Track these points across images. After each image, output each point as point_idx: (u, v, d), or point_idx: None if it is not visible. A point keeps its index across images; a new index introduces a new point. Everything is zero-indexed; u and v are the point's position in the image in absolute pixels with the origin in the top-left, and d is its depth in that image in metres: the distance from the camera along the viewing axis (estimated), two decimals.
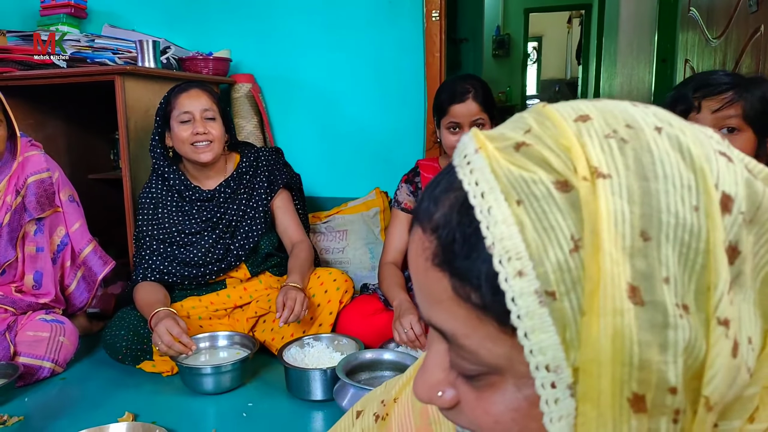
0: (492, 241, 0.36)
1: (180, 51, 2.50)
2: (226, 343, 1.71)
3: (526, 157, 0.37)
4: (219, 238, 1.84)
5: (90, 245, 1.90)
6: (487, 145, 0.39)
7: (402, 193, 1.95)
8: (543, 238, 0.35)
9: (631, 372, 0.35)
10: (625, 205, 0.35)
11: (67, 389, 1.62)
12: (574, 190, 0.36)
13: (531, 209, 0.36)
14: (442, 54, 2.43)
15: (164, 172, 1.85)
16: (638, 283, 0.34)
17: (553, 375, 0.36)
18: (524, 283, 0.35)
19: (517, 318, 0.36)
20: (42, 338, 1.65)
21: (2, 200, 1.72)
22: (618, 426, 0.36)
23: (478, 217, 0.37)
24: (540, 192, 0.36)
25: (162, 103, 1.85)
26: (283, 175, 1.96)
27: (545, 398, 0.37)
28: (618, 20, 5.17)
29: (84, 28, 2.63)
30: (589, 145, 0.36)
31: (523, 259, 0.35)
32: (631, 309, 0.34)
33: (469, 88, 1.74)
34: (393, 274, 1.83)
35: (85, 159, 2.55)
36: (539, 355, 0.36)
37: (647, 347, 0.34)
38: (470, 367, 0.40)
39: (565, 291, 0.35)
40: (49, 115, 2.39)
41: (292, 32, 2.58)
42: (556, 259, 0.35)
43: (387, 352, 1.53)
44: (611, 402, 0.35)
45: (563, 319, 0.36)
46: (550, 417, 0.37)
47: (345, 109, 2.58)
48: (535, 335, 0.36)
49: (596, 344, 0.35)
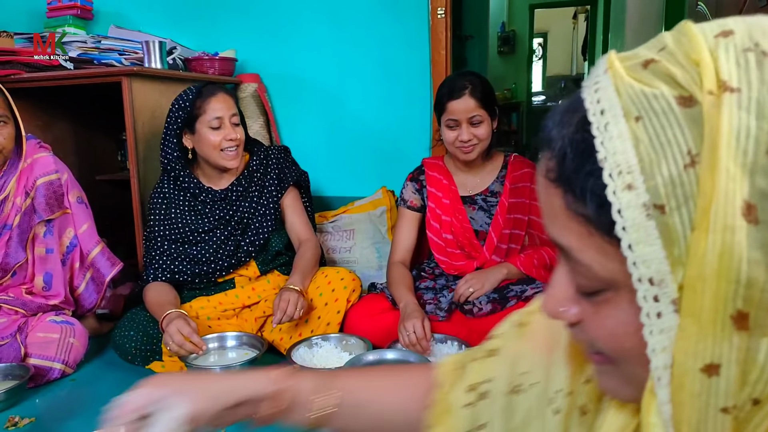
0: (604, 155, 0.38)
1: (186, 51, 2.51)
2: (234, 343, 1.72)
3: (653, 74, 0.38)
4: (230, 235, 1.84)
5: (98, 247, 1.91)
6: (616, 65, 0.40)
7: (408, 191, 1.95)
8: (658, 152, 0.36)
9: (737, 289, 0.35)
10: (752, 119, 0.34)
11: (77, 390, 1.63)
12: (697, 104, 0.36)
13: (650, 125, 0.37)
14: (447, 51, 2.42)
15: (177, 174, 1.85)
16: (756, 201, 0.34)
17: (656, 288, 0.37)
18: (632, 196, 0.37)
19: (622, 230, 0.37)
20: (52, 339, 1.66)
21: (12, 202, 1.73)
22: (718, 342, 0.36)
23: (594, 133, 0.38)
24: (660, 107, 0.36)
25: (185, 104, 1.81)
26: (293, 173, 1.97)
27: (646, 311, 0.38)
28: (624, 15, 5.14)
29: (90, 30, 2.63)
30: (722, 58, 0.36)
31: (634, 173, 0.37)
32: (744, 227, 0.34)
33: (466, 84, 1.73)
34: (401, 274, 1.83)
35: (93, 160, 2.56)
36: (642, 268, 0.37)
37: (756, 266, 0.34)
38: (587, 282, 0.42)
39: (676, 206, 0.36)
40: (56, 116, 2.40)
41: (298, 31, 2.58)
42: (669, 173, 0.36)
43: (391, 352, 1.53)
44: (713, 318, 0.36)
45: (672, 234, 0.36)
46: (651, 329, 0.38)
47: (351, 107, 2.58)
48: (639, 247, 0.37)
49: (702, 260, 0.35)
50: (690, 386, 0.37)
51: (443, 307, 1.77)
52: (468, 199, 1.88)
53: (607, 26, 6.35)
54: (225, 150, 1.78)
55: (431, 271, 1.95)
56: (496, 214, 1.83)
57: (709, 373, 0.37)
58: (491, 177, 1.88)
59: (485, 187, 1.88)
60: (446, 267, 1.88)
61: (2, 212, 1.71)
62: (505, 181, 1.85)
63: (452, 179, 1.90)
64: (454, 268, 1.87)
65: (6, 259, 1.71)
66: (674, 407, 0.39)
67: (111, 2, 2.70)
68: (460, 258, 1.86)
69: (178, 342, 1.50)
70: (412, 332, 1.56)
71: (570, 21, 9.07)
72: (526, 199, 1.82)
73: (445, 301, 1.78)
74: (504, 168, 1.88)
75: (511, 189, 1.83)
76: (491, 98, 1.77)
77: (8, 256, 1.71)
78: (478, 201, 1.87)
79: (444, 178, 1.90)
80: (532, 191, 1.82)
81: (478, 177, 1.89)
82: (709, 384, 0.37)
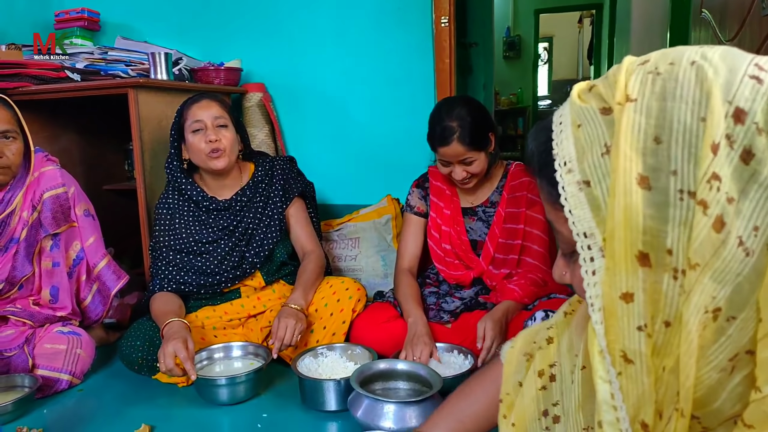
0: (557, 151, 0.56)
1: (192, 62, 2.53)
2: (240, 353, 1.72)
3: (591, 95, 0.56)
4: (235, 246, 1.85)
5: (104, 260, 1.90)
6: (574, 92, 0.57)
7: (414, 197, 1.95)
8: (587, 146, 0.53)
9: (637, 236, 0.49)
10: (643, 118, 0.50)
11: (84, 401, 1.64)
12: (612, 112, 0.53)
13: (585, 129, 0.54)
14: (451, 59, 2.43)
15: (180, 185, 1.86)
16: (647, 174, 0.49)
17: (589, 240, 0.53)
18: (570, 177, 0.54)
19: (564, 200, 0.54)
20: (59, 351, 1.67)
21: (19, 216, 1.74)
22: (630, 276, 0.50)
23: (553, 137, 0.57)
24: (590, 116, 0.54)
25: (176, 116, 1.87)
26: (298, 184, 1.98)
27: (583, 257, 0.54)
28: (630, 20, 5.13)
29: (97, 41, 2.66)
30: (632, 79, 0.52)
31: (573, 161, 0.54)
32: (639, 191, 0.49)
33: (454, 129, 1.66)
34: (408, 284, 1.83)
35: (100, 170, 2.58)
36: (579, 226, 0.53)
37: (651, 219, 0.49)
38: (565, 246, 0.61)
39: (597, 180, 0.52)
40: (63, 127, 2.42)
41: (303, 41, 2.59)
42: (593, 159, 0.53)
43: (400, 362, 1.52)
44: (624, 257, 0.50)
45: (596, 201, 0.52)
46: (586, 269, 0.54)
47: (355, 116, 2.59)
48: (576, 211, 0.53)
49: (614, 216, 0.50)
50: (614, 310, 0.52)
51: (449, 309, 1.77)
52: (469, 211, 1.88)
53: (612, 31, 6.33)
54: (208, 153, 1.79)
55: (435, 278, 1.95)
56: (493, 225, 1.83)
57: (626, 300, 0.51)
58: (492, 187, 1.88)
59: (486, 198, 1.87)
60: (445, 276, 1.88)
61: (9, 226, 1.72)
62: (503, 191, 1.84)
63: (455, 191, 1.90)
64: (453, 278, 1.86)
65: (13, 273, 1.72)
66: (606, 328, 0.52)
67: (118, 13, 2.73)
68: (458, 268, 1.86)
69: (169, 366, 1.49)
70: (418, 358, 1.56)
71: (575, 25, 9.06)
72: (522, 208, 1.80)
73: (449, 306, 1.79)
74: (504, 177, 1.87)
75: (509, 199, 1.82)
76: (483, 134, 1.70)
77: (15, 270, 1.72)
78: (479, 212, 1.87)
79: (447, 188, 1.90)
80: (529, 200, 1.80)
81: (479, 189, 1.88)
82: (627, 308, 0.51)
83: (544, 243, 1.79)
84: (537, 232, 1.80)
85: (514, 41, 7.81)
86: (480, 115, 1.71)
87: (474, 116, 1.69)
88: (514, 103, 7.69)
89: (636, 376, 0.52)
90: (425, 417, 1.30)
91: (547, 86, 9.38)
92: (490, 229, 1.83)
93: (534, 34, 7.80)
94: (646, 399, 0.52)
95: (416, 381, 1.49)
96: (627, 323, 0.51)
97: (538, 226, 1.80)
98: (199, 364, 1.65)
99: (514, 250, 1.80)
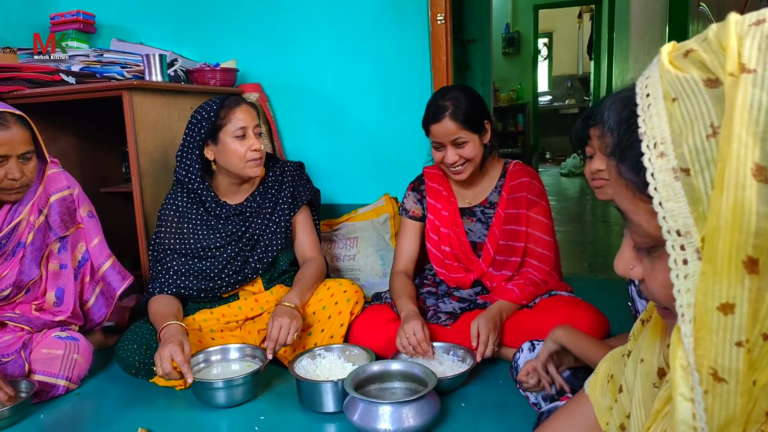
0: (644, 129, 0.47)
1: (187, 63, 2.52)
2: (237, 355, 1.72)
3: (690, 61, 0.46)
4: (240, 251, 1.83)
5: (109, 260, 1.91)
6: (663, 56, 0.48)
7: (409, 201, 1.94)
8: (687, 126, 0.44)
9: (748, 238, 0.41)
10: (764, 95, 0.41)
11: (82, 405, 1.64)
12: (721, 85, 0.43)
13: (682, 104, 0.45)
14: (448, 57, 2.41)
15: (193, 186, 1.83)
16: (766, 164, 0.40)
17: (682, 239, 0.45)
18: (663, 162, 0.45)
19: (654, 190, 0.46)
20: (56, 356, 1.66)
21: (26, 220, 1.73)
22: (732, 284, 0.42)
23: (638, 113, 0.48)
24: (691, 89, 0.44)
25: (209, 115, 1.78)
26: (307, 191, 1.96)
27: (674, 258, 0.46)
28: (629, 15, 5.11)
29: (93, 43, 2.65)
30: (747, 44, 0.42)
31: (666, 143, 0.45)
32: (754, 185, 0.40)
33: (447, 106, 1.66)
34: (403, 284, 1.82)
35: (97, 172, 2.57)
36: (670, 221, 0.45)
37: (765, 218, 0.41)
38: (641, 240, 0.52)
39: (699, 169, 0.44)
40: (60, 130, 2.41)
41: (298, 40, 2.58)
42: (694, 143, 0.44)
43: (395, 363, 1.52)
44: (728, 263, 0.42)
45: (696, 193, 0.44)
46: (677, 273, 0.46)
47: (352, 115, 2.58)
48: (668, 204, 0.45)
49: (719, 214, 0.42)
50: (708, 323, 0.44)
51: (447, 310, 1.76)
52: (467, 211, 1.87)
53: (612, 25, 6.31)
54: (249, 160, 1.78)
55: (432, 278, 1.94)
56: (492, 226, 1.81)
57: (724, 312, 0.43)
58: (490, 187, 1.85)
59: (484, 198, 1.85)
60: (445, 278, 1.87)
61: (17, 231, 1.71)
62: (502, 191, 1.82)
63: (452, 190, 1.89)
64: (453, 280, 1.85)
65: (20, 277, 1.71)
66: (696, 342, 0.45)
67: (113, 15, 2.72)
68: (458, 270, 1.85)
69: (166, 370, 1.48)
70: (412, 335, 1.55)
71: (575, 20, 9.03)
72: (523, 209, 1.78)
73: (447, 306, 1.78)
74: (503, 177, 1.85)
75: (508, 199, 1.80)
76: (477, 116, 1.69)
77: (22, 274, 1.71)
78: (477, 213, 1.85)
79: (444, 189, 1.89)
80: (529, 201, 1.78)
81: (477, 188, 1.87)
82: (725, 321, 0.43)
83: (548, 244, 1.77)
84: (539, 233, 1.77)
85: (513, 37, 7.78)
86: (475, 99, 1.72)
87: (469, 98, 1.70)
88: (513, 100, 7.66)
89: (727, 396, 0.45)
90: (421, 416, 1.29)
91: (548, 82, 9.35)
92: (489, 231, 1.82)
93: (533, 29, 7.77)
94: (734, 420, 0.45)
95: (411, 380, 1.48)
96: (723, 338, 0.44)
97: (541, 228, 1.77)
98: (197, 366, 1.64)
99: (517, 252, 1.78)
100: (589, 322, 1.61)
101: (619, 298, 2.36)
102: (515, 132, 7.59)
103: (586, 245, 3.48)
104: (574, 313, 1.64)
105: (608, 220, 4.15)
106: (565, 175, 6.81)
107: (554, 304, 1.70)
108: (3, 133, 1.60)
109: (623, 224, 0.54)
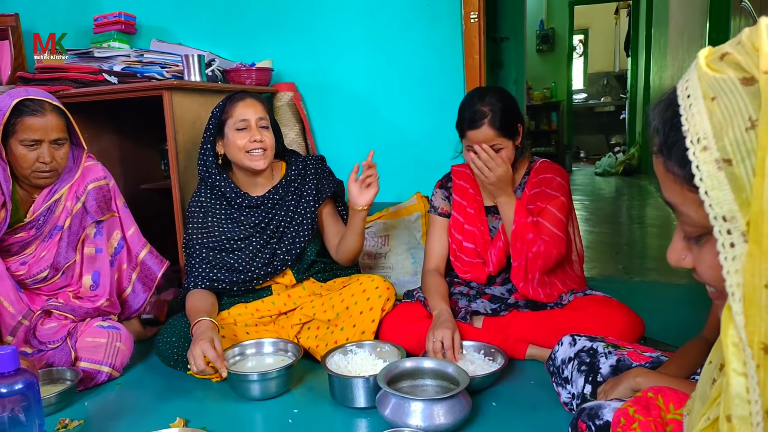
0: (687, 127, 0.51)
1: (224, 63, 2.57)
2: (271, 349, 1.75)
3: (726, 63, 0.51)
4: (266, 243, 1.88)
5: (146, 248, 2.01)
6: (700, 60, 0.53)
7: (437, 198, 1.95)
8: (726, 121, 0.49)
9: None
10: None
11: (123, 394, 1.70)
12: (756, 82, 0.48)
13: (721, 102, 0.49)
14: (481, 55, 2.41)
15: (214, 181, 1.90)
16: None
17: (728, 224, 0.49)
18: (706, 155, 0.49)
19: (700, 180, 0.50)
20: (100, 344, 1.73)
21: (63, 205, 1.82)
22: None
23: (681, 112, 0.52)
24: (728, 88, 0.49)
25: (216, 111, 1.88)
26: (331, 184, 1.99)
27: (721, 242, 0.50)
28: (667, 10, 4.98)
29: (134, 44, 2.73)
30: None
31: (708, 137, 0.49)
32: None
33: (486, 113, 1.66)
34: (436, 282, 1.82)
35: (138, 170, 2.66)
36: (717, 208, 0.49)
37: None
38: (691, 229, 0.57)
39: (741, 159, 0.48)
40: (102, 128, 2.50)
41: (331, 40, 2.61)
42: (734, 135, 0.48)
43: (428, 360, 1.53)
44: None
45: (739, 182, 0.48)
46: (725, 256, 0.49)
47: (385, 113, 2.59)
48: (713, 192, 0.49)
49: (761, 198, 0.46)
50: (757, 300, 0.47)
51: (479, 310, 1.76)
52: (492, 209, 1.86)
53: (650, 21, 6.17)
54: (251, 152, 1.82)
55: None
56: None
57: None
58: (515, 184, 1.84)
59: None
60: (458, 271, 1.87)
61: (53, 213, 1.80)
62: (525, 188, 1.82)
63: (478, 189, 1.89)
64: (467, 272, 1.85)
65: (57, 259, 1.79)
66: (746, 319, 0.48)
67: (153, 16, 2.80)
68: (478, 266, 1.85)
69: (200, 367, 1.54)
70: (439, 341, 1.56)
71: (612, 17, 8.85)
72: (540, 202, 1.77)
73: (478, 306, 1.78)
74: (527, 174, 1.84)
75: (530, 195, 1.79)
76: (513, 122, 1.70)
77: (59, 255, 1.80)
78: None
79: (470, 187, 1.89)
80: (546, 195, 1.76)
81: None
82: None
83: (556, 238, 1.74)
84: (549, 225, 1.74)
85: (547, 34, 7.68)
86: (511, 103, 1.72)
87: (505, 103, 1.70)
88: (547, 98, 7.57)
89: None
90: (453, 414, 1.30)
91: (583, 79, 9.19)
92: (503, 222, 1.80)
93: (569, 26, 7.65)
94: None
95: (443, 378, 1.49)
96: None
97: (552, 219, 1.74)
98: (232, 359, 1.69)
99: None
100: (623, 322, 1.59)
101: (656, 300, 2.33)
102: (548, 131, 7.49)
103: (621, 247, 3.41)
104: (608, 313, 1.62)
105: (644, 222, 4.06)
106: (600, 175, 6.69)
107: (588, 303, 1.68)
108: (38, 119, 1.70)
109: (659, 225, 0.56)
